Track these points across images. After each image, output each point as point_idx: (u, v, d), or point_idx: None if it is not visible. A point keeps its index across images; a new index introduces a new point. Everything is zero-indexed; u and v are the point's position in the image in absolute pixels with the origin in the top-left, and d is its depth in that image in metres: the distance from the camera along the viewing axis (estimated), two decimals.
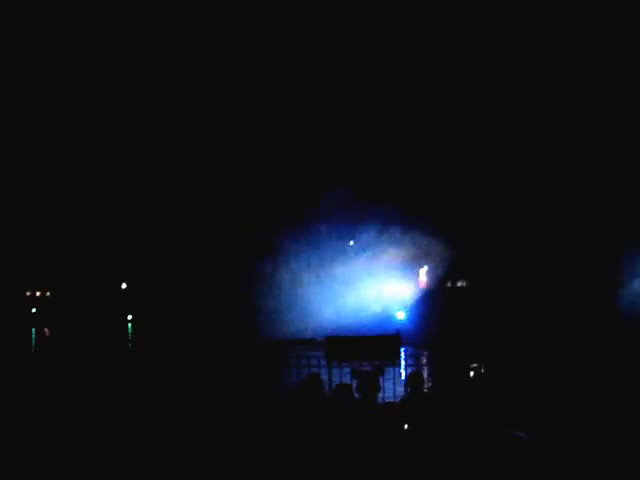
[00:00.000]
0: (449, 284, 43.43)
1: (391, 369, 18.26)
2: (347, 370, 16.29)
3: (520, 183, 38.21)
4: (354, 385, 11.53)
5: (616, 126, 37.50)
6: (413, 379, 11.80)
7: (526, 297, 34.62)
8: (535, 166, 38.09)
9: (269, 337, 29.15)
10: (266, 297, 37.49)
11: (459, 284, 43.92)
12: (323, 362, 19.64)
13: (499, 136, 38.47)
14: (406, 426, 10.65)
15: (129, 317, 46.66)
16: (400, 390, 16.11)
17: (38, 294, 51.92)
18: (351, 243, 41.93)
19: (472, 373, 19.46)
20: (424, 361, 23.85)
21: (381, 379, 13.87)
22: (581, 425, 13.29)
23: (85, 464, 12.47)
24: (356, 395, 11.49)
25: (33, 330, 43.61)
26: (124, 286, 49.63)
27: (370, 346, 24.62)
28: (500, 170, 38.46)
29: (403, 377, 19.32)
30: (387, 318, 35.16)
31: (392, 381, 17.09)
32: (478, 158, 38.64)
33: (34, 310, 50.18)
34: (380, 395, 13.13)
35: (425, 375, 21.02)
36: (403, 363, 23.64)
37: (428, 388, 18.09)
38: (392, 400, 13.32)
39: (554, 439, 12.18)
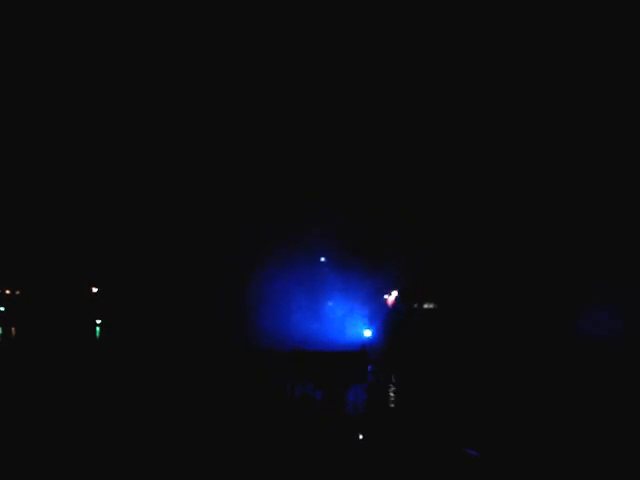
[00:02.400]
0: (416, 305, 43.91)
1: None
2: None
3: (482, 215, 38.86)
4: (319, 396, 11.99)
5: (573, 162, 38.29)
6: (373, 394, 12.33)
7: (488, 319, 35.24)
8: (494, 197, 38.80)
9: (238, 346, 29.60)
10: (236, 308, 37.80)
11: (425, 306, 44.45)
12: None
13: (465, 168, 39.15)
14: (361, 436, 11.15)
15: (98, 321, 46.63)
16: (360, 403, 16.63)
17: (8, 292, 51.69)
18: (322, 259, 42.28)
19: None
20: (386, 378, 24.35)
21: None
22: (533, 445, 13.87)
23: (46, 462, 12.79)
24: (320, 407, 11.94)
25: (0, 329, 43.49)
26: (94, 290, 49.59)
27: (336, 362, 25.03)
28: (463, 203, 39.10)
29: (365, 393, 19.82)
30: (354, 335, 35.55)
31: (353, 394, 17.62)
32: (441, 190, 39.28)
33: (2, 309, 49.95)
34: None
35: (386, 391, 21.54)
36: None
37: (389, 403, 18.58)
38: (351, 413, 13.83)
39: (508, 457, 12.74)
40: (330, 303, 39.58)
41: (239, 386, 20.00)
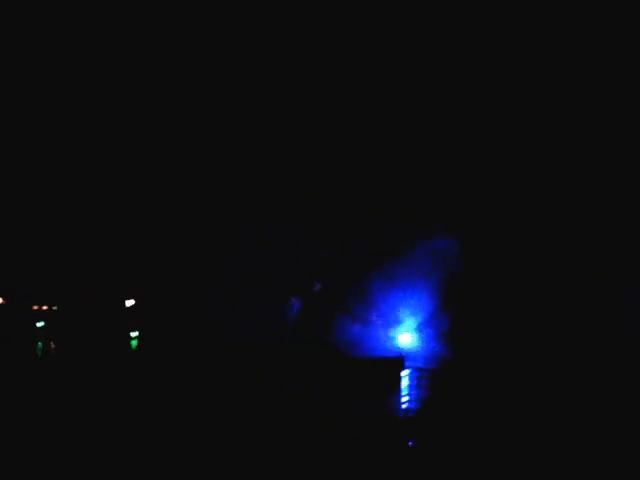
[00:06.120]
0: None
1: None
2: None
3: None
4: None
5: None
6: (412, 403, 11.93)
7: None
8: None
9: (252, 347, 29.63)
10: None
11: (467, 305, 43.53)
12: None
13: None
14: (410, 443, 10.80)
15: (133, 334, 46.84)
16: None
17: (45, 308, 52.16)
18: None
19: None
20: (427, 383, 23.91)
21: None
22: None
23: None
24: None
25: (39, 344, 43.89)
26: (131, 303, 49.83)
27: (369, 368, 24.59)
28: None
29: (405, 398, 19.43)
30: (391, 338, 34.96)
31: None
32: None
33: (42, 324, 50.43)
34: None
35: (428, 397, 21.11)
36: (406, 385, 23.71)
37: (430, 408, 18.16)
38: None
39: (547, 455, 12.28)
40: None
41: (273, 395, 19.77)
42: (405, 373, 25.52)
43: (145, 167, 44.32)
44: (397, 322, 36.96)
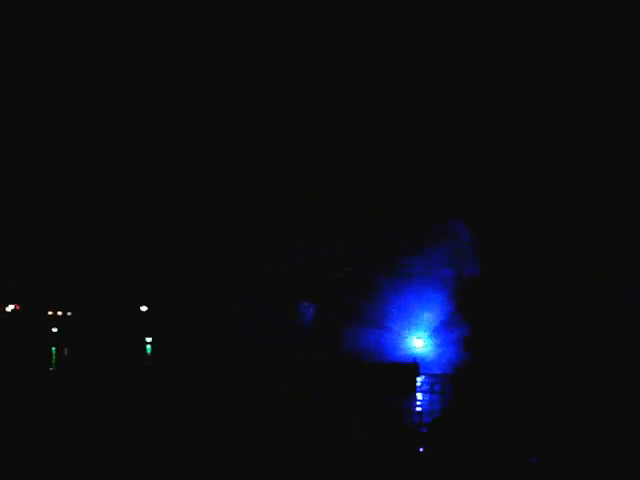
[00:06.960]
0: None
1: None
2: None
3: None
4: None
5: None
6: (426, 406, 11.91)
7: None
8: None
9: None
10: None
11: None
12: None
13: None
14: (421, 449, 10.78)
15: (148, 339, 46.96)
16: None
17: (60, 314, 52.39)
18: None
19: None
20: (441, 389, 23.82)
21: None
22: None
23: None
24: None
25: (53, 349, 44.04)
26: (144, 309, 49.93)
27: (384, 374, 24.46)
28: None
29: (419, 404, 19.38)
30: (405, 343, 34.79)
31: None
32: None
33: (55, 330, 50.67)
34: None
35: (442, 403, 21.05)
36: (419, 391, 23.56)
37: (444, 415, 18.10)
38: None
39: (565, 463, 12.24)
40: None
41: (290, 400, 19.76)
42: (419, 379, 25.43)
43: (152, 178, 44.48)
44: (412, 328, 36.84)
